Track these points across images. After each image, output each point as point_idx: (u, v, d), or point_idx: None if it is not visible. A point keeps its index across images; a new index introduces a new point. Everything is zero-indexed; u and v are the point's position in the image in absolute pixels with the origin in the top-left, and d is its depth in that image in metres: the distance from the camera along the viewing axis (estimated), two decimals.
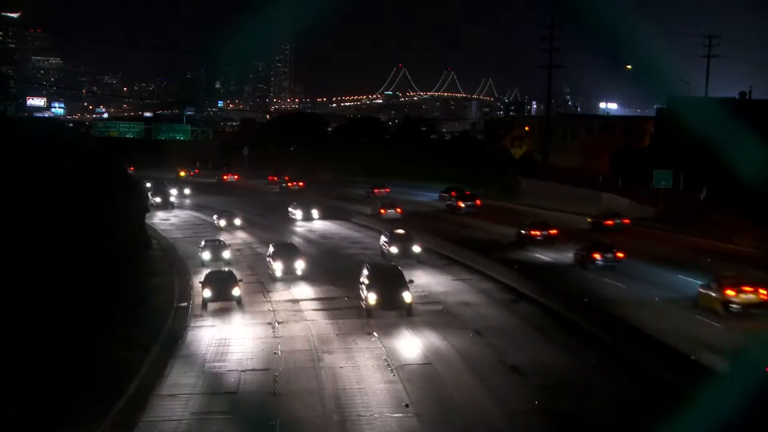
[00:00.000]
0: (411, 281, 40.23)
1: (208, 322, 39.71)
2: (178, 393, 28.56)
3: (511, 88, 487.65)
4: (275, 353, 33.52)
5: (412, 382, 29.16)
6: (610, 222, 64.48)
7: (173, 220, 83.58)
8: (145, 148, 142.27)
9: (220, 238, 59.37)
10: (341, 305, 42.20)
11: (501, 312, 39.97)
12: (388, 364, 31.37)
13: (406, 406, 26.82)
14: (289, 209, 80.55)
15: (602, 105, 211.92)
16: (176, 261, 57.36)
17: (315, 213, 78.56)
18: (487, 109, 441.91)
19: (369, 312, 38.65)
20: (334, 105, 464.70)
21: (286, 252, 50.57)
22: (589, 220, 66.53)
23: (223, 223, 74.13)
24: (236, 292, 42.16)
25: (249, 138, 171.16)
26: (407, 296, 38.39)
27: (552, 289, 41.28)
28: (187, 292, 46.18)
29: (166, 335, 35.94)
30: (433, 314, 39.33)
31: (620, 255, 48.51)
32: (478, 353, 32.74)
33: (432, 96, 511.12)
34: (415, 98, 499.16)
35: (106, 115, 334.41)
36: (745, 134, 49.06)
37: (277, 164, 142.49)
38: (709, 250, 54.63)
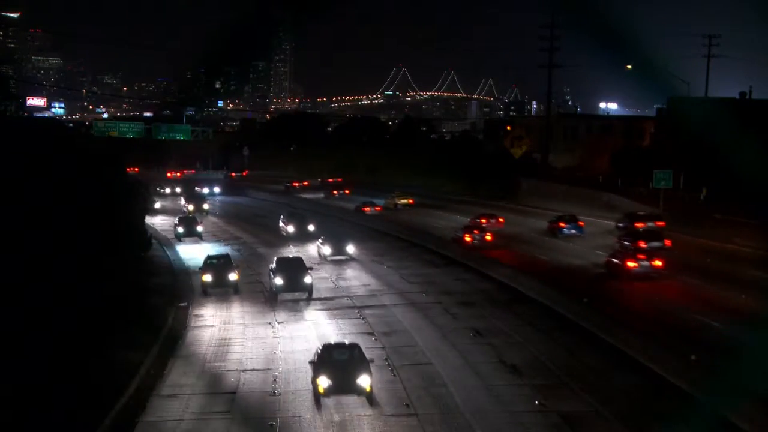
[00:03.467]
0: None
1: (208, 321, 39.73)
2: (178, 393, 28.57)
3: (511, 88, 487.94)
4: (275, 353, 33.51)
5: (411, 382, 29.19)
6: (339, 179, 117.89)
7: None
8: (145, 148, 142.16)
9: None
10: None
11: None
12: (389, 364, 31.38)
13: (407, 405, 26.83)
14: None
15: (602, 105, 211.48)
16: (176, 260, 57.49)
17: None
18: (487, 109, 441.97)
19: None
20: (334, 105, 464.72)
21: None
22: (319, 180, 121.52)
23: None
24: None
25: (249, 138, 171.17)
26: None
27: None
28: (187, 292, 46.20)
29: (166, 335, 35.92)
30: None
31: (347, 192, 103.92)
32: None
33: (432, 96, 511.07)
34: (409, 98, 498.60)
35: (106, 115, 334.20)
36: (745, 134, 49.01)
37: (277, 164, 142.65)
38: (708, 249, 54.64)
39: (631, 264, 44.70)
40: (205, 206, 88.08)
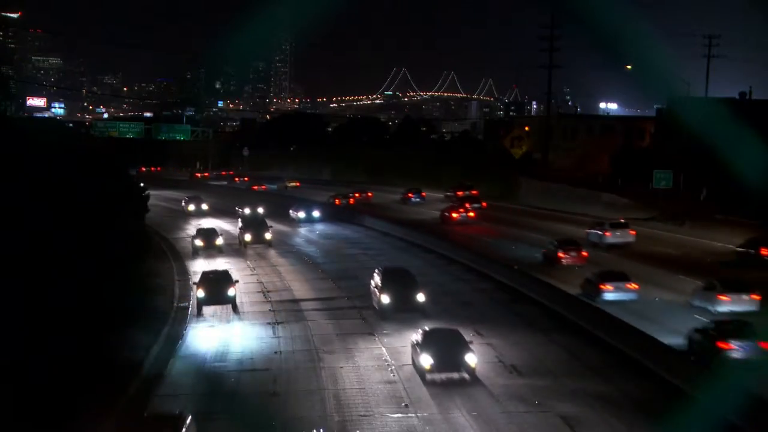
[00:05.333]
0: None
1: (208, 322, 39.60)
2: (179, 393, 28.54)
3: (511, 88, 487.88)
4: (275, 353, 33.46)
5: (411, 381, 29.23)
6: (231, 171, 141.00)
7: None
8: (146, 148, 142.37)
9: None
10: None
11: None
12: (388, 364, 31.39)
13: (406, 406, 26.84)
14: None
15: (602, 105, 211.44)
16: (176, 261, 57.42)
17: None
18: (487, 109, 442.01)
19: None
20: (334, 105, 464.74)
21: None
22: (215, 173, 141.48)
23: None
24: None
25: (249, 138, 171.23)
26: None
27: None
28: (187, 292, 46.18)
29: (166, 335, 35.89)
30: None
31: (246, 179, 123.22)
32: None
33: (432, 96, 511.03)
34: (407, 99, 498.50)
35: (106, 115, 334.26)
36: (745, 134, 49.01)
37: (277, 165, 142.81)
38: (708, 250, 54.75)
39: (455, 215, 73.66)
40: (267, 236, 62.42)
